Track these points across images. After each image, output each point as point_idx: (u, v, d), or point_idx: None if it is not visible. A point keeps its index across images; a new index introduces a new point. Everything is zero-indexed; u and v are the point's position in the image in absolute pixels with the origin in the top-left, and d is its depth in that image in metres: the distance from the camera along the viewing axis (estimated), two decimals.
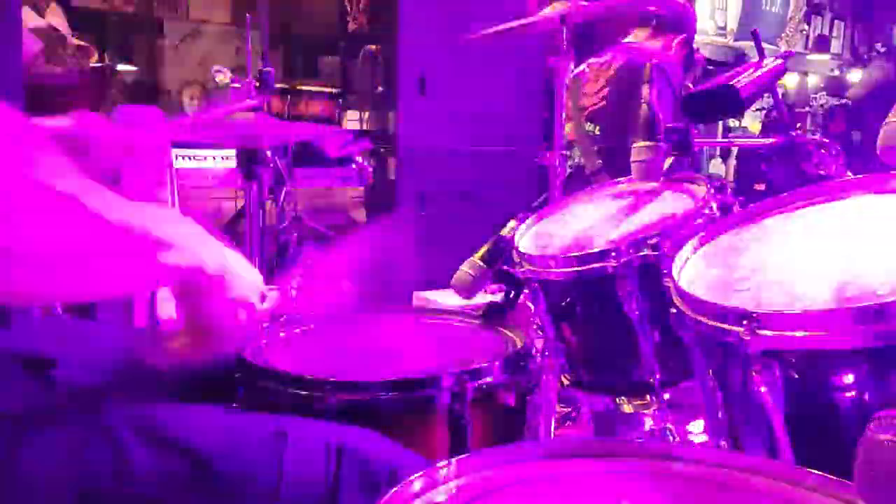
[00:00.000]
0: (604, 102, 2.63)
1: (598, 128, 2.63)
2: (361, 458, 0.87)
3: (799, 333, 0.82)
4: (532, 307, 1.42)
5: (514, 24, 1.73)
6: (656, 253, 1.21)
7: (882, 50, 7.71)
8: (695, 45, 2.94)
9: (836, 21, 9.12)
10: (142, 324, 2.46)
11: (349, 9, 5.47)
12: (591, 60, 2.75)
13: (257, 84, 3.16)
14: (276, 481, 0.81)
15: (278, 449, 0.83)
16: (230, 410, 0.99)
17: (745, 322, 0.85)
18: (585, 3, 1.72)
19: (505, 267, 1.45)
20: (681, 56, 2.76)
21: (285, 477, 0.82)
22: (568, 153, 2.68)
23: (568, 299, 1.36)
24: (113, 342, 1.09)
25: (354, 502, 0.84)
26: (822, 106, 6.81)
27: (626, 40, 2.80)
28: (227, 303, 0.81)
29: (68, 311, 2.29)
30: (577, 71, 2.76)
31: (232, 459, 0.82)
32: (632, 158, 1.41)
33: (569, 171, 2.67)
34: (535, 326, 1.44)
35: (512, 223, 1.52)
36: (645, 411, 1.36)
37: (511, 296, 1.45)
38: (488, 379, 1.16)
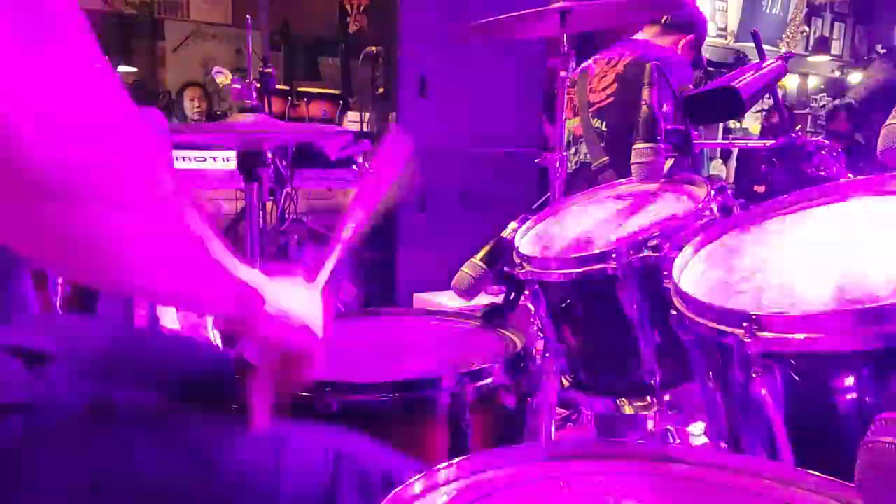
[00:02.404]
0: (611, 99, 2.61)
1: (605, 123, 2.62)
2: (358, 462, 0.87)
3: (799, 335, 0.82)
4: (532, 308, 1.42)
5: (515, 14, 1.72)
6: (657, 254, 1.21)
7: (882, 51, 7.71)
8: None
9: (836, 23, 9.13)
10: (142, 324, 2.46)
11: (350, 10, 5.47)
12: (599, 56, 2.74)
13: (258, 85, 3.16)
14: (276, 483, 0.82)
15: (277, 452, 0.84)
16: (231, 413, 1.00)
17: (745, 324, 0.85)
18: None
19: (505, 268, 1.45)
20: (689, 57, 2.75)
21: (284, 479, 0.82)
22: (575, 148, 2.68)
23: (568, 301, 1.36)
24: (113, 340, 1.09)
25: None
26: (822, 107, 6.81)
27: (636, 37, 2.79)
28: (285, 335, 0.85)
29: (68, 308, 2.29)
30: (584, 65, 2.75)
31: (232, 460, 0.83)
32: (632, 160, 1.41)
33: (574, 166, 2.65)
34: (535, 328, 1.44)
35: (512, 224, 1.52)
36: (645, 413, 1.36)
37: (511, 297, 1.45)
38: (489, 380, 1.16)
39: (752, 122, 7.71)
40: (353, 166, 4.07)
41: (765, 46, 1.56)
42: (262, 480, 0.82)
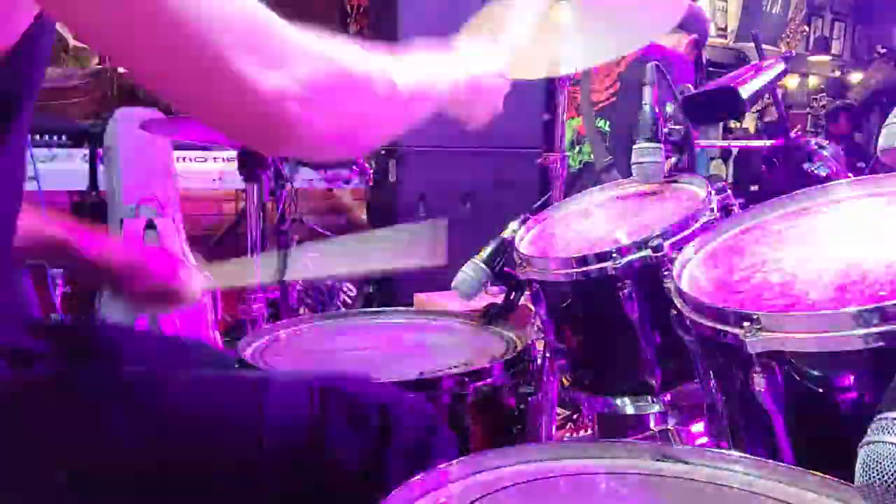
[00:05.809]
0: (614, 98, 2.60)
1: (608, 123, 2.61)
2: (347, 395, 0.87)
3: (799, 335, 0.82)
4: (533, 308, 1.42)
5: None
6: (657, 254, 1.21)
7: (883, 51, 7.70)
8: None
9: (836, 22, 9.12)
10: (143, 323, 2.46)
11: (350, 10, 5.47)
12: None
13: None
14: (258, 425, 0.81)
15: (258, 395, 0.84)
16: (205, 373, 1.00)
17: (745, 323, 0.86)
18: None
19: (506, 268, 1.45)
20: (692, 55, 2.74)
21: (267, 421, 0.82)
22: (579, 147, 2.67)
23: (569, 301, 1.36)
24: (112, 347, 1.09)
25: (344, 437, 0.84)
26: (823, 107, 6.79)
27: None
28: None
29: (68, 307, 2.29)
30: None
31: (210, 411, 0.83)
32: (632, 159, 1.41)
33: (579, 166, 2.65)
34: (535, 328, 1.44)
35: (513, 224, 1.51)
36: (646, 413, 1.36)
37: (512, 297, 1.45)
38: (489, 380, 1.17)
39: (752, 122, 7.70)
40: (353, 166, 4.07)
41: (765, 46, 1.56)
42: (243, 424, 0.82)
